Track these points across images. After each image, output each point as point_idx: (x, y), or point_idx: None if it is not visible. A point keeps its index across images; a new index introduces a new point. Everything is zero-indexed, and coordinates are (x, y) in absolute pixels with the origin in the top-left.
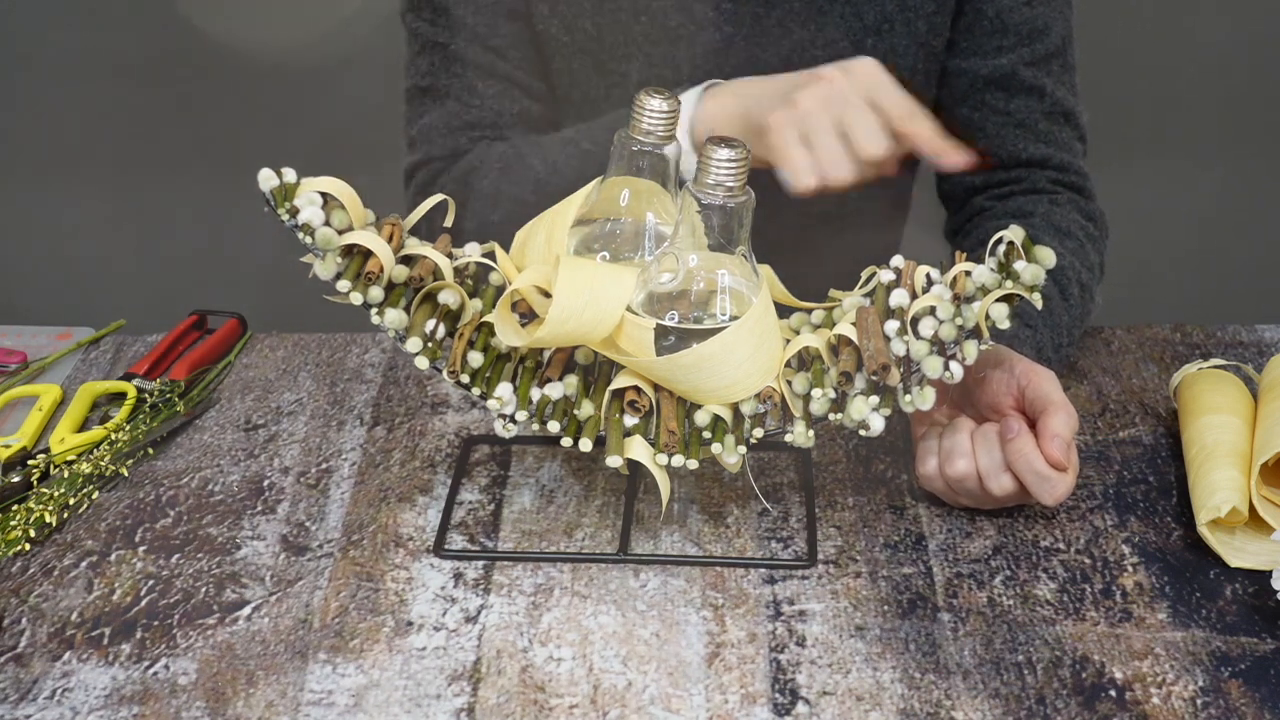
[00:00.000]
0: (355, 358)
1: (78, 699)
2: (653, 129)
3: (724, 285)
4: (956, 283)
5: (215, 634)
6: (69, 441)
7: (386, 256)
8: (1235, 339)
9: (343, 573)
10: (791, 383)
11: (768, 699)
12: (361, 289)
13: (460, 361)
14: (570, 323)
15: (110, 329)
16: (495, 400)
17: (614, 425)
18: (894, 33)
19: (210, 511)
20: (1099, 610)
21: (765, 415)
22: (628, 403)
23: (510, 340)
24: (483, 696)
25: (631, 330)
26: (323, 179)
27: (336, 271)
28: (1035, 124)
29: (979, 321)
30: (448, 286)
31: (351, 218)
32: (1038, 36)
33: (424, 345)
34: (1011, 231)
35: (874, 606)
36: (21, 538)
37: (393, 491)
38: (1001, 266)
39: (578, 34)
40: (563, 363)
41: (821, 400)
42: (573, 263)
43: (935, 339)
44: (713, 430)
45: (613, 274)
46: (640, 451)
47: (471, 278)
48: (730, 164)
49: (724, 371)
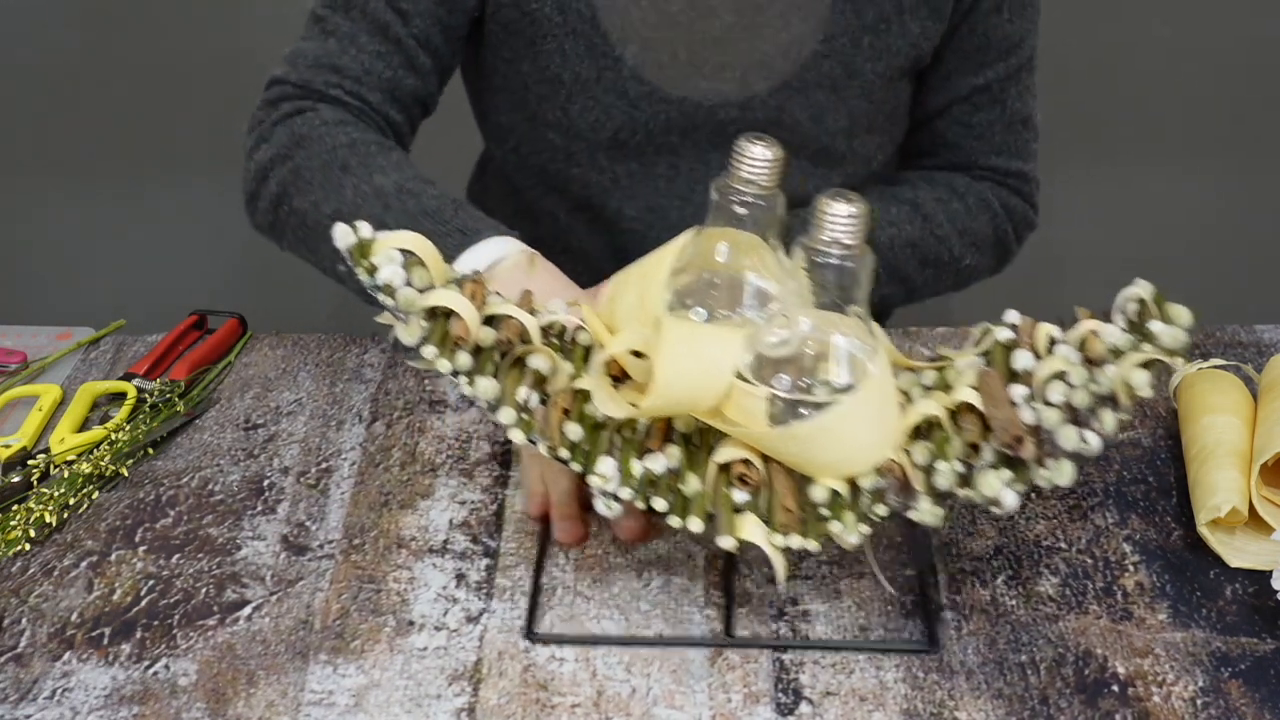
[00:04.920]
0: (355, 357)
1: (78, 699)
2: (754, 177)
3: (839, 349)
4: (1086, 344)
5: (215, 634)
6: (69, 441)
7: (473, 319)
8: (1234, 339)
9: (344, 574)
10: (911, 453)
11: (771, 699)
12: (448, 355)
13: (558, 434)
14: (676, 392)
15: (110, 329)
16: (598, 478)
17: (724, 502)
18: (890, 33)
19: (210, 511)
20: (1101, 606)
21: (887, 490)
22: (737, 477)
23: (612, 413)
24: (483, 696)
25: (741, 399)
26: (399, 234)
27: (422, 337)
28: (994, 135)
29: (1117, 389)
30: (539, 351)
31: (433, 275)
32: (1013, 51)
33: (519, 417)
34: (1140, 287)
35: (878, 606)
36: (21, 538)
37: (393, 492)
38: (1134, 326)
39: (571, 15)
40: (663, 431)
41: (947, 473)
42: (677, 326)
43: (1068, 406)
44: (831, 507)
45: (720, 338)
46: (755, 532)
47: (558, 336)
48: (849, 220)
49: (842, 443)
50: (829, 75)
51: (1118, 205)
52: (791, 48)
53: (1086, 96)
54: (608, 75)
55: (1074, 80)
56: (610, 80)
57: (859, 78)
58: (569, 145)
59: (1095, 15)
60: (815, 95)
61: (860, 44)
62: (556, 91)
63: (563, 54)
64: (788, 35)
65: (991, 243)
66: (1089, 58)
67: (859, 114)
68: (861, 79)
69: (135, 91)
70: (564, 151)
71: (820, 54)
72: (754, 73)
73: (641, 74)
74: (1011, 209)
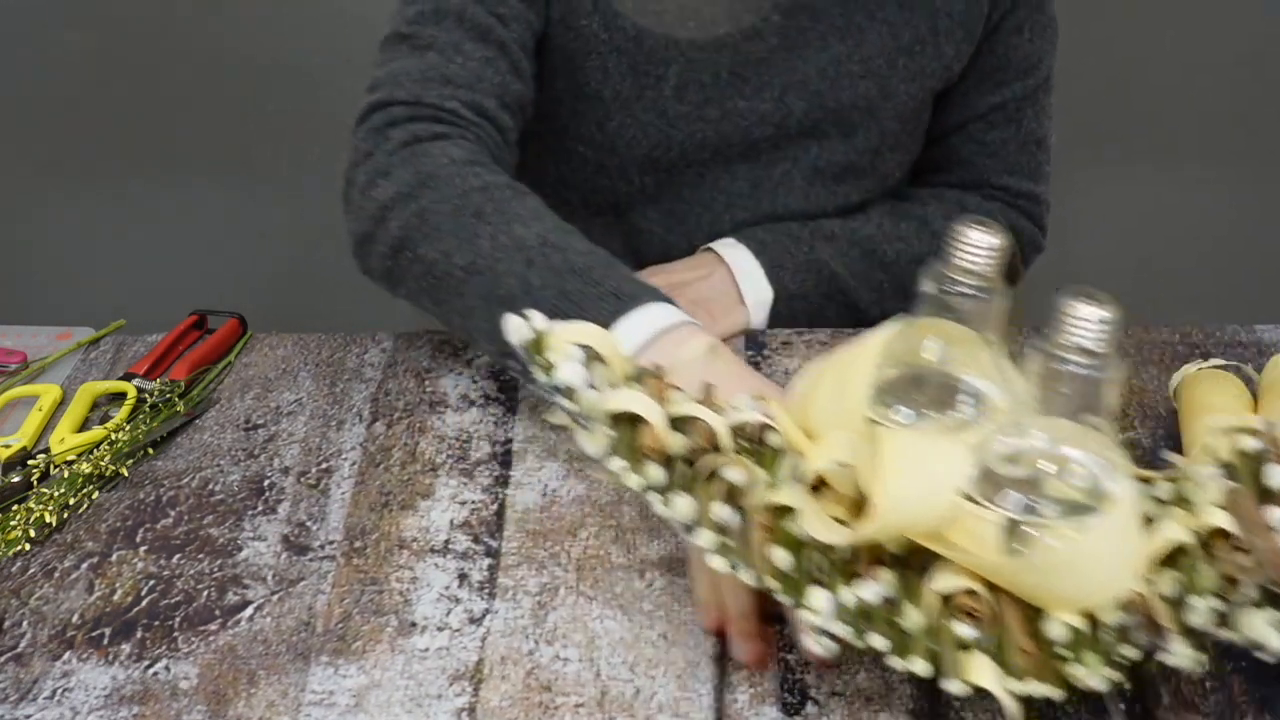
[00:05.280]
0: (355, 357)
1: (78, 699)
2: (974, 267)
3: (1079, 465)
4: None
5: (216, 634)
6: (69, 441)
7: (663, 425)
8: (1235, 339)
9: (345, 576)
10: (1157, 584)
11: (777, 699)
12: (639, 467)
13: (764, 562)
14: (902, 516)
15: (110, 329)
16: (810, 613)
17: (947, 639)
18: (924, 54)
19: (211, 511)
20: None
21: (1132, 627)
22: (961, 609)
23: (826, 538)
24: (484, 697)
25: (968, 521)
26: (575, 326)
27: (609, 447)
28: (1008, 154)
29: None
30: (736, 463)
31: (615, 372)
32: (1031, 71)
33: (720, 540)
34: None
35: None
36: (21, 538)
37: (394, 492)
38: None
39: (616, 32)
40: (873, 553)
41: (1203, 610)
42: (899, 439)
43: None
44: (1071, 645)
45: (944, 450)
46: (987, 675)
47: (748, 438)
48: (1100, 326)
49: (1082, 573)
50: (864, 95)
51: (1118, 206)
52: (829, 68)
53: (1089, 98)
54: (648, 94)
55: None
56: (650, 99)
57: (893, 99)
58: (599, 159)
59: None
60: (849, 115)
61: (895, 65)
62: (594, 108)
63: (604, 71)
64: (826, 56)
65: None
66: (1091, 59)
67: (889, 133)
68: (895, 100)
69: (135, 91)
70: (593, 164)
71: (857, 75)
72: (792, 93)
73: (683, 94)
74: (1020, 231)
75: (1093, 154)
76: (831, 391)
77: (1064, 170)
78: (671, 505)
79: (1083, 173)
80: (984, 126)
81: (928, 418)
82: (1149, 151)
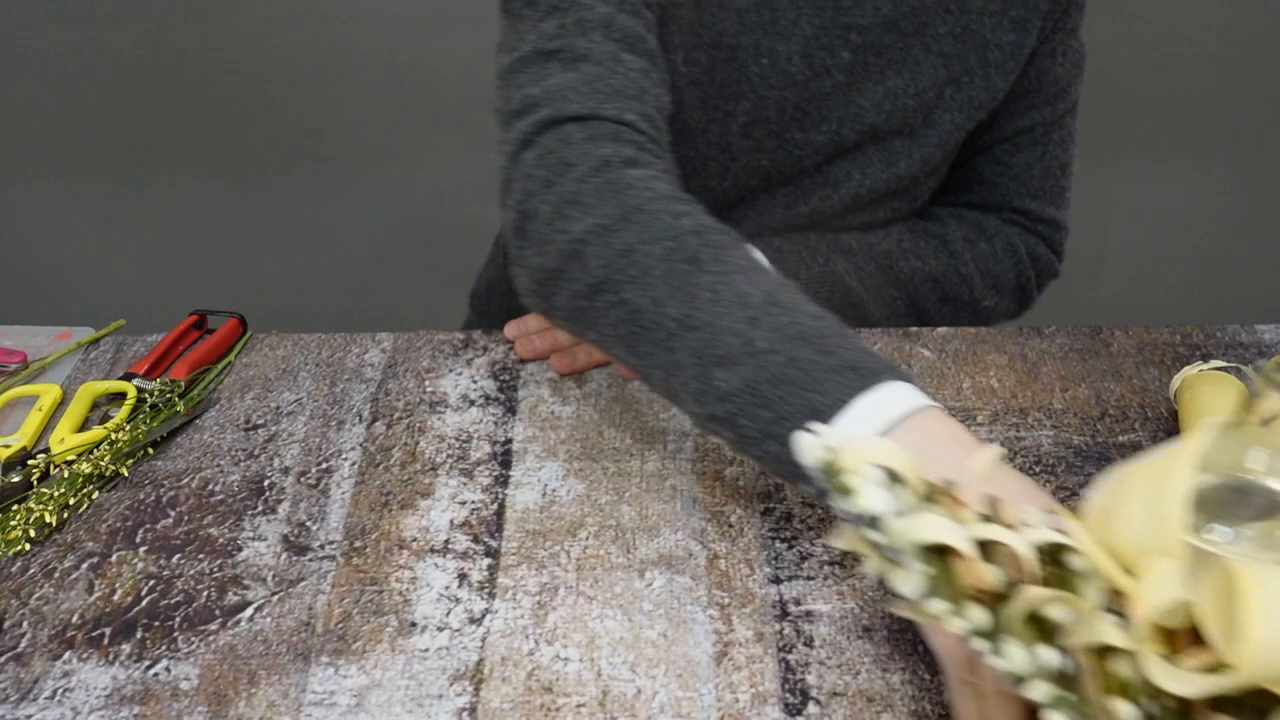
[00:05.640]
0: (355, 357)
1: (78, 699)
2: None
3: None
4: None
5: (216, 634)
6: (69, 441)
7: (978, 558)
8: (1235, 340)
9: (346, 576)
10: None
11: (778, 699)
12: (962, 609)
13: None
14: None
15: (110, 329)
16: None
17: None
18: (973, 85)
19: (211, 512)
20: None
21: None
22: None
23: (1179, 689)
24: (485, 697)
25: None
26: (869, 442)
27: (926, 586)
28: (1031, 178)
29: None
30: (1061, 599)
31: (913, 493)
32: (1060, 96)
33: (1062, 695)
34: None
35: (882, 607)
36: (21, 538)
37: (394, 492)
38: None
39: (693, 66)
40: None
41: None
42: (1265, 575)
43: None
44: None
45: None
46: None
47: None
48: None
49: None
50: (909, 124)
51: (1117, 206)
52: (885, 101)
53: (1091, 95)
54: (714, 128)
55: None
56: (716, 133)
57: (937, 127)
58: None
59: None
60: (893, 142)
61: (943, 96)
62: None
63: (679, 105)
64: (883, 90)
65: (1013, 288)
66: (1092, 57)
67: (930, 161)
68: (940, 129)
69: (135, 91)
70: None
71: (911, 108)
72: (847, 125)
73: (750, 130)
74: (1037, 257)
75: (1093, 154)
76: (1142, 507)
77: None
78: (1004, 655)
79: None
80: (1010, 149)
81: (1246, 538)
82: (1149, 152)
